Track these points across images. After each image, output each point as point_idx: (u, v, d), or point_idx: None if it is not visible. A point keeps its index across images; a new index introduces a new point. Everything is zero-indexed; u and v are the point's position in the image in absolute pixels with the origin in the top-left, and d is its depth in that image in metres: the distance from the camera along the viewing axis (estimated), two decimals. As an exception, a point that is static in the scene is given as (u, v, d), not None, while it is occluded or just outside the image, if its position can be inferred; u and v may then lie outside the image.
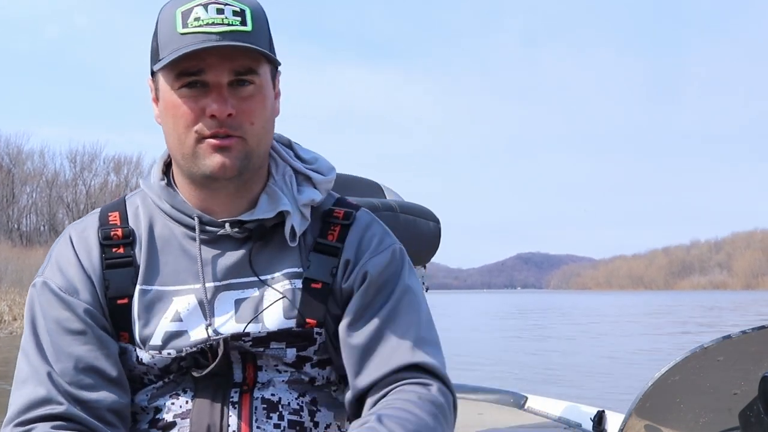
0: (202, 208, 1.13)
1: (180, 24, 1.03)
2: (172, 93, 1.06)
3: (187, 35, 1.03)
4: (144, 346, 1.09)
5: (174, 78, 1.05)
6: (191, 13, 1.03)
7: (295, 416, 1.10)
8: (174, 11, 1.05)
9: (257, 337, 1.08)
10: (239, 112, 1.05)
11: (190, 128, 1.05)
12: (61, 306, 1.09)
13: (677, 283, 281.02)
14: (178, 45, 1.03)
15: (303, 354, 1.11)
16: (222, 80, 1.04)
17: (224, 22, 1.03)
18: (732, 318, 30.59)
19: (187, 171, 1.11)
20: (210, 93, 1.04)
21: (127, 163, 51.23)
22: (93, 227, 1.15)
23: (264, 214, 1.12)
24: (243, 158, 1.07)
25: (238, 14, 1.04)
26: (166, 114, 1.08)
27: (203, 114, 1.04)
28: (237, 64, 1.04)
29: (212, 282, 1.11)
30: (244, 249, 1.12)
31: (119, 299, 1.10)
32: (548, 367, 12.56)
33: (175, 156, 1.11)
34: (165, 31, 1.05)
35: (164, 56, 1.04)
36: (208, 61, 1.03)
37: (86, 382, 1.06)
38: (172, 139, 1.09)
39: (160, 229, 1.14)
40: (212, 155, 1.06)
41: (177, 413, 1.09)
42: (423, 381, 1.08)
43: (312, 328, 1.11)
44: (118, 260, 1.12)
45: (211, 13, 1.03)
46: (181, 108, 1.05)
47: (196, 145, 1.06)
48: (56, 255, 1.14)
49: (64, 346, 1.07)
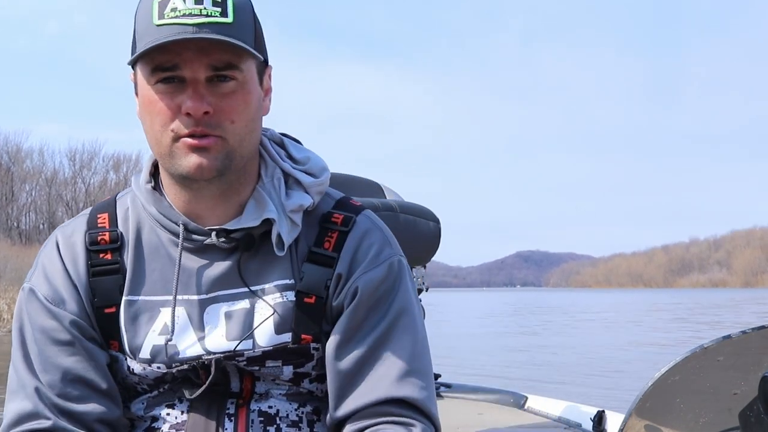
0: (188, 211, 1.08)
1: (156, 15, 0.97)
2: (149, 88, 1.00)
3: (162, 27, 0.96)
4: (135, 357, 1.06)
5: (149, 73, 0.99)
6: (168, 2, 0.96)
7: (293, 428, 1.07)
8: (152, 1, 0.98)
9: (252, 357, 1.05)
10: (218, 110, 0.98)
11: (166, 126, 0.99)
12: (48, 316, 1.06)
13: (677, 281, 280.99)
14: (154, 37, 0.96)
15: (300, 371, 1.07)
16: (198, 76, 0.97)
17: (202, 13, 0.96)
18: (731, 317, 30.60)
19: (167, 170, 1.05)
20: (186, 89, 0.98)
21: (127, 161, 51.25)
22: (80, 231, 1.11)
23: (249, 222, 1.05)
24: (223, 158, 1.00)
25: (218, 5, 0.97)
26: (143, 110, 1.02)
27: (179, 111, 0.98)
28: (215, 58, 0.97)
29: (199, 295, 1.06)
30: (231, 259, 1.07)
31: (106, 308, 1.07)
32: (548, 367, 12.55)
33: (154, 154, 1.05)
34: (141, 22, 0.99)
35: (139, 48, 0.97)
36: (183, 55, 0.96)
37: (74, 394, 1.04)
38: (150, 137, 1.03)
39: (147, 234, 1.10)
40: (188, 155, 0.99)
41: (172, 424, 1.06)
42: (406, 420, 1.03)
43: (308, 344, 1.06)
44: (104, 267, 1.08)
45: (189, 3, 0.96)
46: (157, 105, 0.99)
47: (172, 144, 1.00)
48: (43, 261, 1.11)
49: (52, 356, 1.05)
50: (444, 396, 3.16)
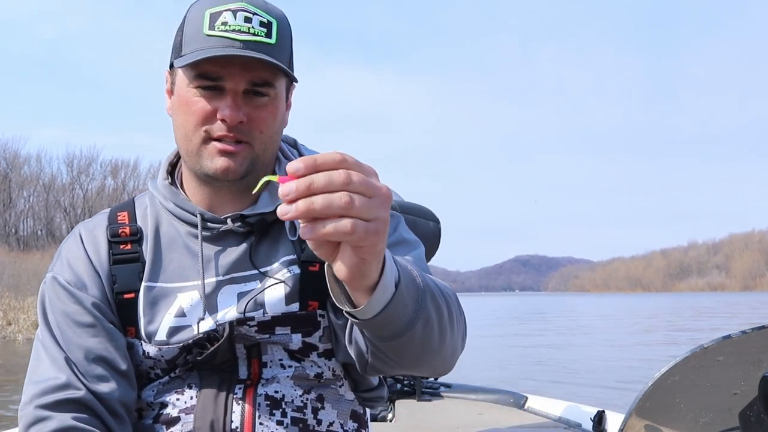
0: (205, 205, 1.16)
1: (207, 25, 1.05)
2: (188, 89, 1.08)
3: (211, 37, 1.04)
4: (150, 341, 1.11)
5: (193, 77, 1.06)
6: (219, 16, 1.05)
7: (298, 413, 1.11)
8: (203, 11, 1.06)
9: (262, 321, 1.10)
10: (250, 120, 1.07)
11: (199, 127, 1.08)
12: (70, 300, 1.12)
13: (675, 284, 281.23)
14: (202, 45, 1.04)
15: (308, 341, 1.12)
16: (238, 88, 1.06)
17: (250, 31, 1.05)
18: (728, 322, 30.61)
19: (191, 167, 1.13)
20: (224, 97, 1.06)
21: (125, 167, 51.23)
22: (102, 225, 1.18)
23: (265, 208, 1.14)
24: (248, 164, 1.09)
25: (264, 25, 1.06)
26: (178, 108, 1.10)
27: (214, 116, 1.06)
28: (255, 75, 1.06)
29: (215, 277, 1.13)
30: (245, 244, 1.14)
31: (126, 294, 1.13)
32: (548, 367, 12.56)
33: (181, 150, 1.13)
34: (191, 29, 1.07)
35: (186, 53, 1.06)
36: (228, 68, 1.04)
37: (97, 373, 1.09)
38: (180, 133, 1.11)
39: (165, 227, 1.17)
40: (217, 158, 1.08)
41: (181, 408, 1.11)
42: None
43: (315, 310, 1.12)
44: (125, 256, 1.14)
45: (239, 20, 1.05)
46: (194, 106, 1.07)
47: (202, 145, 1.08)
48: (65, 251, 1.17)
49: (74, 338, 1.10)
50: (444, 396, 3.17)
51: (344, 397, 1.17)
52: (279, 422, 1.09)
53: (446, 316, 0.97)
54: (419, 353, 0.97)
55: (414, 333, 0.92)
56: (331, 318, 1.13)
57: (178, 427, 1.10)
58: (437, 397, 3.14)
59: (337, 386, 1.16)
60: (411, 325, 0.91)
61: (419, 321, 0.92)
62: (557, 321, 33.38)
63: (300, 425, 1.10)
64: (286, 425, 1.09)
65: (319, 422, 1.12)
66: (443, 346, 0.99)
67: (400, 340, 0.92)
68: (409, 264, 0.95)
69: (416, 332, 0.92)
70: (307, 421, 1.11)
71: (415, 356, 0.97)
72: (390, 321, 0.88)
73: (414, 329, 0.92)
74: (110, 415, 1.08)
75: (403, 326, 0.90)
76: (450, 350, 1.02)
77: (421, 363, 1.00)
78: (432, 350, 0.97)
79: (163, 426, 1.10)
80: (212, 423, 1.07)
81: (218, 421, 1.07)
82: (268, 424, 1.08)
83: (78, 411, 1.06)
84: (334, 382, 1.16)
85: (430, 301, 0.94)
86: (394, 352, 0.96)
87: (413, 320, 0.91)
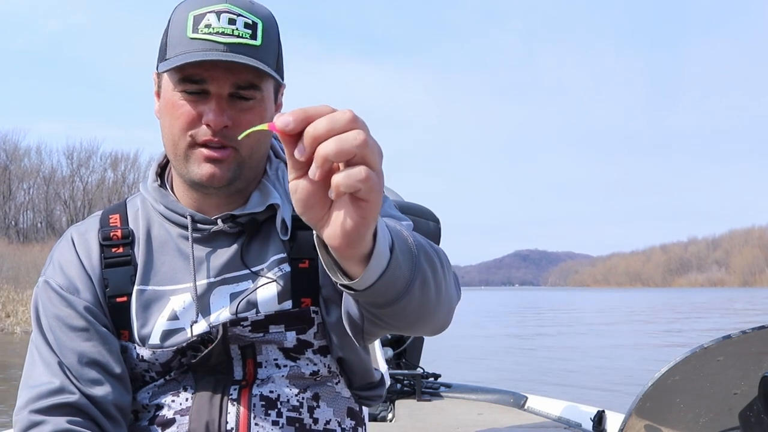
0: (195, 207, 1.15)
1: (190, 28, 1.03)
2: (174, 93, 1.06)
3: (195, 41, 1.02)
4: (144, 345, 1.11)
5: (177, 81, 1.05)
6: (203, 18, 1.03)
7: (293, 413, 1.10)
8: (187, 13, 1.04)
9: (255, 320, 1.09)
10: (236, 124, 1.05)
11: (185, 132, 1.06)
12: (63, 304, 1.11)
13: (675, 280, 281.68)
14: (186, 49, 1.03)
15: (303, 338, 1.11)
16: (223, 92, 1.04)
17: (234, 33, 1.02)
18: (726, 319, 30.63)
19: (179, 172, 1.12)
20: (209, 101, 1.04)
21: (125, 159, 51.16)
22: (94, 229, 1.17)
23: (255, 208, 1.12)
24: (235, 169, 1.07)
25: (249, 27, 1.04)
26: (164, 112, 1.09)
27: (199, 120, 1.05)
28: (240, 78, 1.04)
29: (207, 279, 1.12)
30: (236, 244, 1.13)
31: (118, 297, 1.12)
32: (548, 367, 12.57)
33: (168, 154, 1.12)
34: (175, 32, 1.05)
35: (170, 56, 1.04)
36: (212, 72, 1.03)
37: (91, 376, 1.09)
38: (167, 137, 1.09)
39: (157, 230, 1.16)
40: (203, 164, 1.06)
41: (177, 410, 1.10)
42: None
43: (308, 307, 1.11)
44: (116, 259, 1.14)
45: (222, 22, 1.02)
46: (179, 110, 1.05)
47: (188, 149, 1.07)
48: (57, 255, 1.16)
49: (67, 342, 1.10)
50: (444, 396, 3.16)
51: (340, 395, 1.16)
52: (274, 422, 1.08)
53: (440, 272, 0.93)
54: (417, 314, 0.92)
55: (412, 295, 0.87)
56: (323, 314, 1.12)
57: (174, 428, 1.09)
58: (437, 397, 3.14)
59: (333, 383, 1.16)
60: (409, 289, 0.86)
61: (416, 283, 0.87)
62: (557, 318, 33.41)
63: (296, 425, 1.10)
64: (282, 425, 1.09)
65: (315, 421, 1.12)
66: (440, 303, 0.95)
67: (399, 304, 0.87)
68: (397, 225, 0.91)
69: (414, 294, 0.87)
70: (303, 421, 1.10)
71: (414, 317, 0.92)
72: (387, 288, 0.82)
73: (412, 292, 0.87)
74: (105, 418, 1.08)
75: (400, 291, 0.85)
76: (447, 305, 0.98)
77: (419, 323, 0.95)
78: (430, 309, 0.93)
79: (159, 428, 1.10)
80: (207, 424, 1.07)
81: (213, 423, 1.07)
82: (263, 424, 1.08)
83: (72, 415, 1.06)
84: (330, 380, 1.15)
85: (425, 260, 0.89)
86: (392, 317, 0.91)
87: (410, 283, 0.86)
